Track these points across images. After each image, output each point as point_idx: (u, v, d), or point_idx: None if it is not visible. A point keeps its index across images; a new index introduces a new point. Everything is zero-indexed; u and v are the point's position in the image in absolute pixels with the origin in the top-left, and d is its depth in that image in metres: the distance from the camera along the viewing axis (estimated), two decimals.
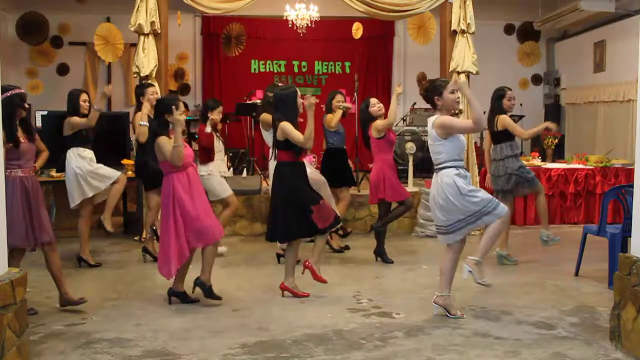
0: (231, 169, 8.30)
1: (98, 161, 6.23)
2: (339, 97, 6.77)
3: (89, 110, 6.02)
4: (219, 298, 4.91)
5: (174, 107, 4.68)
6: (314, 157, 7.67)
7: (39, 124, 8.12)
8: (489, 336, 4.21)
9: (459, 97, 4.62)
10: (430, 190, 4.68)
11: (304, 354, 3.91)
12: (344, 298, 5.11)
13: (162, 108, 4.84)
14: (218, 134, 6.64)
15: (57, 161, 6.84)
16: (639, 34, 4.67)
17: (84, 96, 6.07)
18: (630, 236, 4.16)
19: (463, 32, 7.94)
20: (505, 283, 5.59)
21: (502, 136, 6.15)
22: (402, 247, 7.16)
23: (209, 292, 4.91)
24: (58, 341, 4.11)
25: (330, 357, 3.86)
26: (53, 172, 7.01)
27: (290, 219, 4.96)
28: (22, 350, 3.53)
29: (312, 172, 6.10)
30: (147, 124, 5.81)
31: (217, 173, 6.51)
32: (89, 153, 6.15)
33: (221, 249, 6.62)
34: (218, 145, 6.60)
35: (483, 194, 4.53)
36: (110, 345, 4.05)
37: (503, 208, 4.52)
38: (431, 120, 4.56)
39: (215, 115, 6.48)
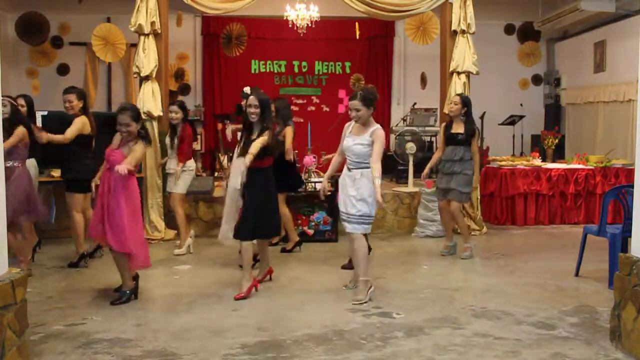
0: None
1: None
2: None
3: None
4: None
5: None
6: (314, 158, 7.68)
7: (39, 123, 8.10)
8: (489, 336, 4.21)
9: (352, 115, 5.03)
10: (348, 184, 4.98)
11: (304, 354, 3.91)
12: (344, 298, 5.11)
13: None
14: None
15: (57, 161, 6.86)
16: (639, 34, 4.68)
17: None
18: (630, 236, 4.16)
19: (463, 32, 7.94)
20: (505, 283, 5.59)
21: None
22: (402, 247, 7.17)
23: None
24: (58, 341, 4.11)
25: (330, 357, 3.86)
26: (53, 172, 7.00)
27: None
28: (22, 350, 3.53)
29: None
30: None
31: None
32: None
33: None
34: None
35: None
36: (110, 345, 4.05)
37: None
38: (373, 128, 4.98)
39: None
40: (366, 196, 4.92)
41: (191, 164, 6.81)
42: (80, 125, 6.07)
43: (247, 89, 6.38)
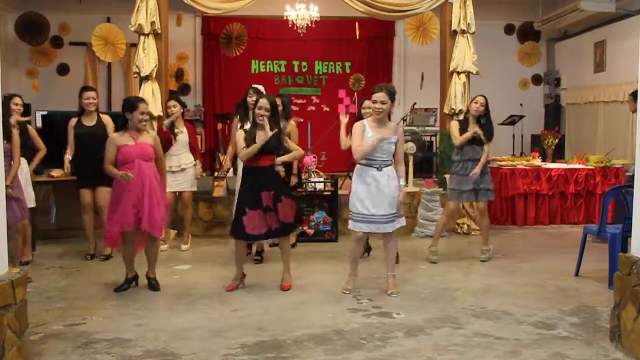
0: (231, 169, 8.32)
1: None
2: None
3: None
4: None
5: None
6: (314, 158, 7.68)
7: (39, 124, 8.13)
8: (489, 336, 4.20)
9: (375, 107, 5.07)
10: (384, 183, 5.06)
11: (304, 354, 3.91)
12: (344, 298, 5.11)
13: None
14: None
15: (57, 161, 6.87)
16: (639, 34, 4.68)
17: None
18: (630, 236, 4.16)
19: (463, 32, 7.95)
20: (505, 283, 5.59)
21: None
22: (402, 247, 7.13)
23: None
24: (58, 341, 4.11)
25: (330, 357, 3.86)
26: (53, 172, 7.00)
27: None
28: (22, 350, 3.53)
29: None
30: None
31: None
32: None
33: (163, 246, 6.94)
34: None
35: None
36: (110, 345, 4.04)
37: None
38: (394, 125, 5.24)
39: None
40: (396, 191, 5.12)
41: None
42: (112, 122, 6.33)
43: (260, 87, 6.41)
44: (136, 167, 5.03)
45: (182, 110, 6.94)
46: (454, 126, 6.43)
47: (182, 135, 6.88)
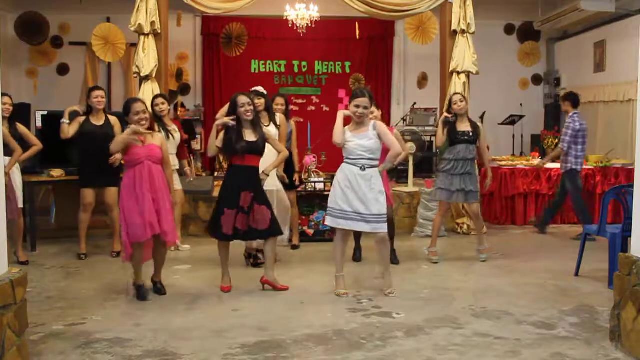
0: None
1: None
2: (279, 100, 6.65)
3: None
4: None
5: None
6: (314, 157, 7.68)
7: (39, 124, 8.13)
8: (489, 336, 4.21)
9: (358, 112, 5.04)
10: (366, 184, 4.99)
11: (304, 354, 3.91)
12: (343, 298, 5.10)
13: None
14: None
15: (57, 161, 6.87)
16: (639, 34, 4.69)
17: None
18: (630, 236, 4.16)
19: (463, 32, 7.94)
20: (505, 283, 5.59)
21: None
22: (402, 247, 7.15)
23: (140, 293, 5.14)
24: (58, 341, 4.11)
25: (330, 357, 3.86)
26: (53, 172, 6.99)
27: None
28: (22, 350, 3.53)
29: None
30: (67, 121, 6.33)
31: None
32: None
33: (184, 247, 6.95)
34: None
35: None
36: (110, 345, 4.05)
37: None
38: (371, 123, 5.10)
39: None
40: (380, 193, 5.04)
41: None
42: (119, 123, 6.39)
43: (259, 88, 6.35)
44: (146, 168, 5.00)
45: (169, 108, 6.89)
46: (441, 131, 6.40)
47: (178, 134, 6.86)
